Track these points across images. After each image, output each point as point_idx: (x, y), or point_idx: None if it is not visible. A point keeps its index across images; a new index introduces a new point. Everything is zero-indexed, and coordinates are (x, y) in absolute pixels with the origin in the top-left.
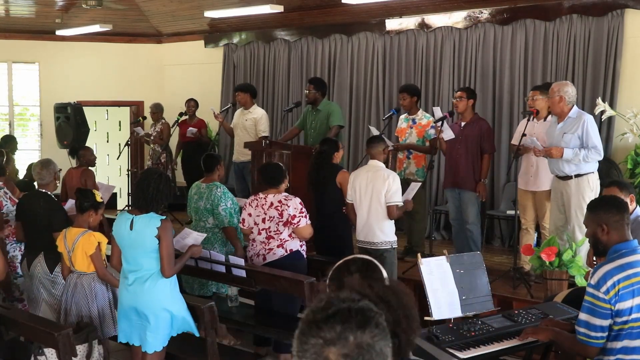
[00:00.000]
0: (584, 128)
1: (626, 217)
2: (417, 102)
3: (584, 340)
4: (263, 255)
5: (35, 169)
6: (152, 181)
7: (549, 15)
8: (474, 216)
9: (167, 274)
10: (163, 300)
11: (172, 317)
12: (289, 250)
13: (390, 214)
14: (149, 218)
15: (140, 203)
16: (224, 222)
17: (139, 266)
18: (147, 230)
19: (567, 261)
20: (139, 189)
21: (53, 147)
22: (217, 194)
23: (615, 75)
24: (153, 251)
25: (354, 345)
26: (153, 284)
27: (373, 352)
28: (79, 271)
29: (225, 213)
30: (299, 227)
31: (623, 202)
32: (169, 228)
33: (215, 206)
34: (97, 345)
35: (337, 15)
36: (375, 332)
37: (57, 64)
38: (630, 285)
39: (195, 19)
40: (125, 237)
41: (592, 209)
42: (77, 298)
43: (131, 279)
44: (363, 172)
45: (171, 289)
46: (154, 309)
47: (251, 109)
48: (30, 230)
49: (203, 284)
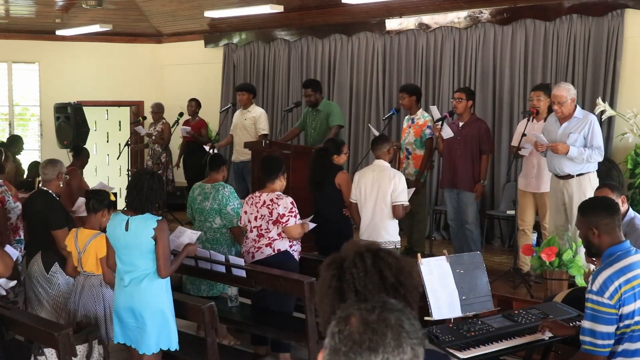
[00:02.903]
0: (590, 128)
1: (617, 218)
2: (417, 102)
3: (589, 350)
4: (252, 253)
5: (40, 165)
6: (146, 181)
7: (549, 15)
8: (473, 216)
9: (163, 274)
10: (159, 301)
11: (168, 317)
12: (276, 250)
13: (396, 213)
14: (145, 219)
15: (135, 204)
16: (233, 222)
17: (135, 267)
18: (143, 231)
19: (567, 261)
20: (132, 190)
21: (53, 147)
22: (225, 194)
23: (615, 75)
24: (149, 252)
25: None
26: (149, 284)
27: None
28: (87, 272)
29: (234, 213)
30: (288, 227)
31: (614, 204)
32: (165, 229)
33: (224, 206)
34: (97, 345)
35: (337, 15)
36: (413, 343)
37: (57, 64)
38: (632, 288)
39: (195, 19)
40: (121, 238)
41: (583, 212)
42: (85, 299)
43: (127, 280)
44: (368, 171)
45: (167, 290)
46: (150, 310)
47: (250, 109)
48: (29, 228)
49: (212, 285)
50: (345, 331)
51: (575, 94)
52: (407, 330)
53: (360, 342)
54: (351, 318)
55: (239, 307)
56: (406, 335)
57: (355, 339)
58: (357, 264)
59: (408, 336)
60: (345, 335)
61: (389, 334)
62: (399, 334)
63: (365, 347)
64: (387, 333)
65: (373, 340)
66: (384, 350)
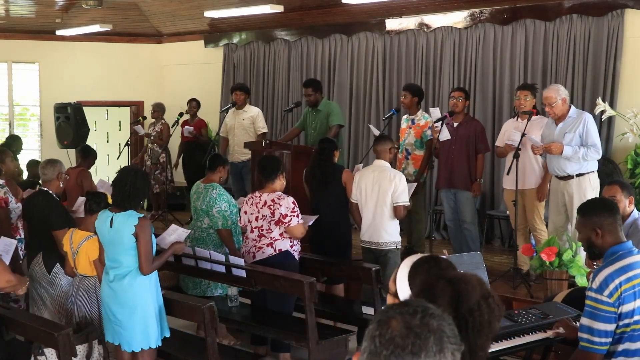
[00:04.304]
0: (584, 126)
1: (618, 218)
2: (418, 103)
3: (586, 347)
4: (253, 253)
5: (40, 165)
6: (129, 179)
7: (549, 15)
8: (471, 216)
9: (145, 271)
10: (141, 298)
11: (150, 316)
12: (277, 249)
13: (397, 213)
14: (127, 216)
15: (118, 201)
16: (218, 224)
17: (119, 263)
18: (125, 228)
19: (567, 261)
20: (116, 187)
21: (53, 147)
22: (212, 196)
23: (615, 75)
24: (131, 248)
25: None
26: (132, 281)
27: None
28: (81, 274)
29: (219, 215)
30: (290, 226)
31: (613, 204)
32: (146, 226)
33: (210, 208)
34: (97, 346)
35: (337, 15)
36: (454, 348)
37: (57, 64)
38: (632, 287)
39: (195, 19)
40: (106, 234)
41: (584, 214)
42: (80, 300)
43: (112, 275)
44: (369, 172)
45: (151, 288)
46: (131, 306)
47: (245, 108)
48: (30, 229)
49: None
50: (386, 334)
51: (566, 94)
52: (448, 335)
53: (402, 345)
54: (392, 321)
55: (239, 307)
56: (447, 340)
57: (397, 342)
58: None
59: (449, 341)
60: (387, 338)
61: (431, 338)
62: (441, 338)
63: (407, 351)
64: (429, 337)
65: (416, 344)
66: (427, 354)
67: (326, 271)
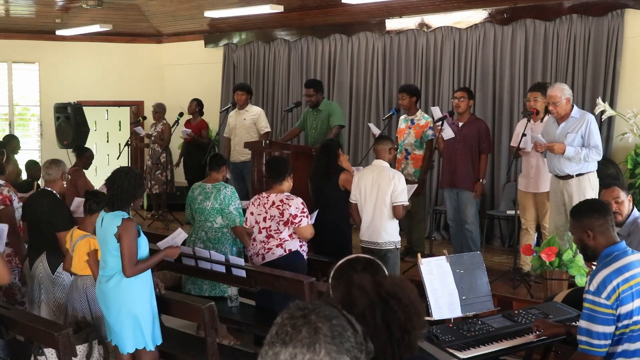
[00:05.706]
0: (587, 127)
1: (609, 219)
2: (416, 103)
3: (585, 349)
4: (262, 255)
5: (43, 165)
6: (118, 179)
7: (549, 15)
8: (473, 216)
9: (127, 273)
10: (126, 300)
11: (136, 319)
12: (287, 250)
13: (396, 213)
14: (113, 216)
15: (107, 201)
16: (235, 221)
17: (106, 264)
18: (109, 229)
19: (567, 261)
20: (107, 187)
21: (53, 147)
22: (226, 194)
23: (615, 75)
24: (115, 249)
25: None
26: (116, 282)
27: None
28: (75, 273)
29: (236, 212)
30: (300, 227)
31: (605, 205)
32: (129, 227)
33: (227, 205)
34: (97, 345)
35: (337, 15)
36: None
37: (57, 64)
38: (630, 288)
39: (195, 19)
40: (98, 234)
41: (575, 216)
42: (73, 299)
43: (101, 276)
44: (368, 172)
45: (140, 290)
46: (116, 309)
47: (247, 108)
48: (33, 229)
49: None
50: (274, 326)
51: (570, 94)
52: (325, 334)
53: (277, 334)
54: (284, 314)
55: (239, 307)
56: (323, 339)
57: (276, 331)
58: (367, 318)
59: (325, 340)
60: (272, 329)
61: (303, 331)
62: (316, 334)
63: (279, 339)
64: (302, 330)
65: (288, 334)
66: (294, 345)
67: (326, 271)
